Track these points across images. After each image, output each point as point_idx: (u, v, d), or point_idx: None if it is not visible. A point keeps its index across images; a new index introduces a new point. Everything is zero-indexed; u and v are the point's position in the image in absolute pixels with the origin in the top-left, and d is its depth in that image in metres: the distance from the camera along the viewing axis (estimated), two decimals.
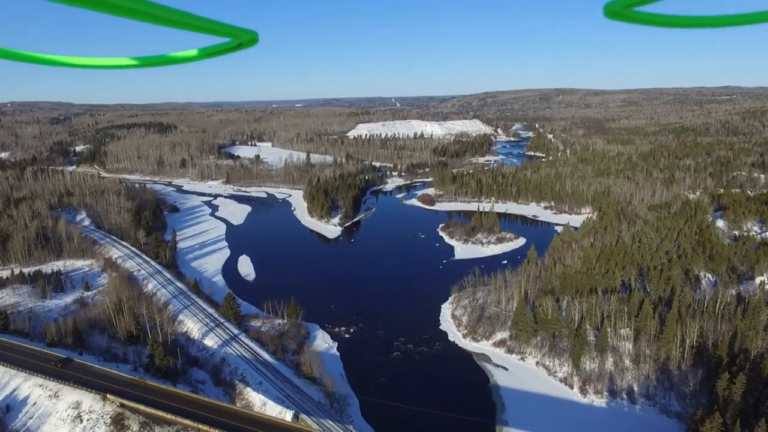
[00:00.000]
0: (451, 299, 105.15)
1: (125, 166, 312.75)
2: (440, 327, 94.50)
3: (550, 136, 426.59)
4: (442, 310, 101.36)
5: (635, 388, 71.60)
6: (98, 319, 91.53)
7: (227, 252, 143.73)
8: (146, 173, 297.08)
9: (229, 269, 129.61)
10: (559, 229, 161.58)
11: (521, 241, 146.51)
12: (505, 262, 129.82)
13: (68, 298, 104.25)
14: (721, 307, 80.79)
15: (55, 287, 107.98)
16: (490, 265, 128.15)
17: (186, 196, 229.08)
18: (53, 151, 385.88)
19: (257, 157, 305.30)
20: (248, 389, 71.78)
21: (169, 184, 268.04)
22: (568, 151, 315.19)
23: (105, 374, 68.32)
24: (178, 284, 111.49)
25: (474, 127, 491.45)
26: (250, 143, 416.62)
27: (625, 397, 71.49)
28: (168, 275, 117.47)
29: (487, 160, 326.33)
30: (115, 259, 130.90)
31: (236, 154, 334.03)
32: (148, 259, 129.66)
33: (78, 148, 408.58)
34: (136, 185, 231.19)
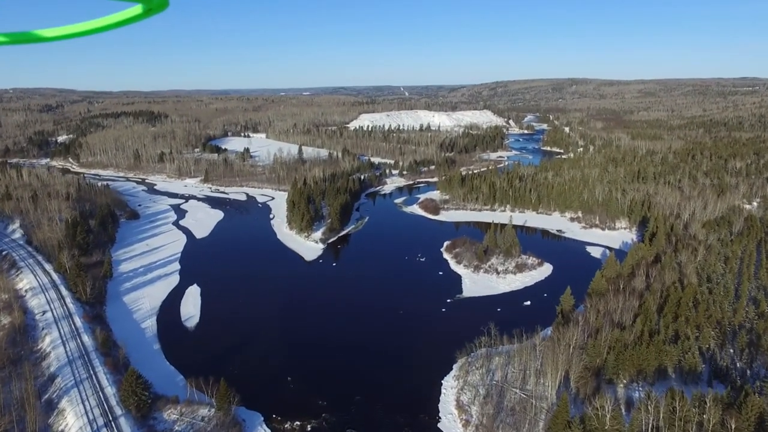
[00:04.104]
0: (455, 370, 74.99)
1: (100, 160, 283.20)
2: (439, 424, 64.36)
3: (567, 129, 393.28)
4: (443, 389, 71.13)
5: None
6: None
7: (176, 279, 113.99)
8: (122, 168, 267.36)
9: (169, 308, 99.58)
10: (591, 250, 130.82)
11: (547, 269, 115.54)
12: (528, 303, 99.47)
13: None
14: None
15: None
16: (507, 305, 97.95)
17: (155, 198, 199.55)
18: (31, 142, 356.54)
19: (246, 150, 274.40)
20: None
21: (142, 181, 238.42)
22: (591, 148, 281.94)
23: None
24: (85, 338, 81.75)
25: (484, 118, 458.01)
26: (243, 134, 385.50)
27: None
28: (78, 322, 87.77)
29: (500, 157, 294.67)
30: (24, 292, 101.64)
31: (224, 148, 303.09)
32: (66, 293, 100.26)
33: (60, 138, 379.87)
34: (99, 184, 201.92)
